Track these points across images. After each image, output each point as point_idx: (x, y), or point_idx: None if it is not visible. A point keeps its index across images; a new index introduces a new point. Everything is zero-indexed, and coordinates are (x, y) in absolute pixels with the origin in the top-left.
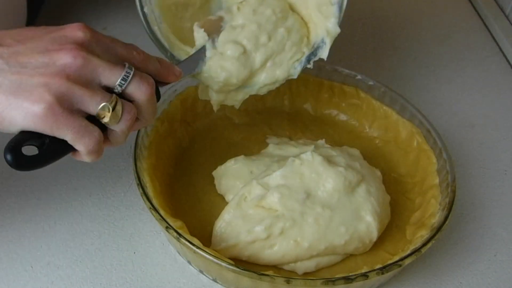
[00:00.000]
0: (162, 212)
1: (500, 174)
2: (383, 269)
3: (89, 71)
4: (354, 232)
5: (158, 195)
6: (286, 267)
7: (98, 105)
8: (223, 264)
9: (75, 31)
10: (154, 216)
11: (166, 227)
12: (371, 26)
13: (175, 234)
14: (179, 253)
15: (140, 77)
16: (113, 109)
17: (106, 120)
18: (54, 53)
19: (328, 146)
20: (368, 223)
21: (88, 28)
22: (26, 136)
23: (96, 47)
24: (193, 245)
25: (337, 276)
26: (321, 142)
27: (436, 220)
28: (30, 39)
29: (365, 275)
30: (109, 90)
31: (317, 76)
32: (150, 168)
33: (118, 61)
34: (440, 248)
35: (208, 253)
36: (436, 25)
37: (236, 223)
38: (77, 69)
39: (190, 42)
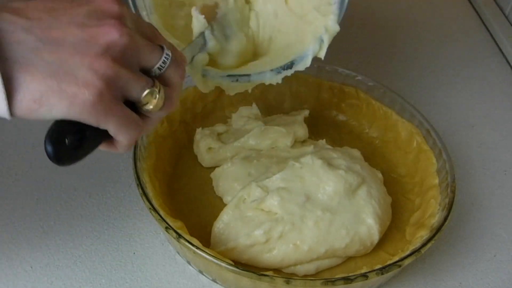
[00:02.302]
0: (161, 213)
1: (500, 174)
2: (383, 270)
3: (133, 52)
4: (355, 235)
5: (158, 196)
6: (285, 270)
7: (143, 91)
8: (223, 264)
9: (109, 3)
10: (153, 216)
11: (166, 228)
12: (371, 27)
13: (174, 234)
14: (178, 254)
15: (176, 59)
16: (158, 95)
17: (149, 107)
18: (95, 29)
19: (329, 147)
20: (369, 226)
21: (120, 0)
22: (66, 126)
23: (132, 24)
24: (193, 245)
25: (337, 276)
26: (322, 142)
27: (435, 220)
28: (61, 11)
29: (364, 276)
30: (145, 73)
31: (317, 77)
32: (150, 168)
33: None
34: (439, 248)
35: (208, 253)
36: (436, 26)
37: (235, 225)
38: (121, 49)
39: (182, 39)
